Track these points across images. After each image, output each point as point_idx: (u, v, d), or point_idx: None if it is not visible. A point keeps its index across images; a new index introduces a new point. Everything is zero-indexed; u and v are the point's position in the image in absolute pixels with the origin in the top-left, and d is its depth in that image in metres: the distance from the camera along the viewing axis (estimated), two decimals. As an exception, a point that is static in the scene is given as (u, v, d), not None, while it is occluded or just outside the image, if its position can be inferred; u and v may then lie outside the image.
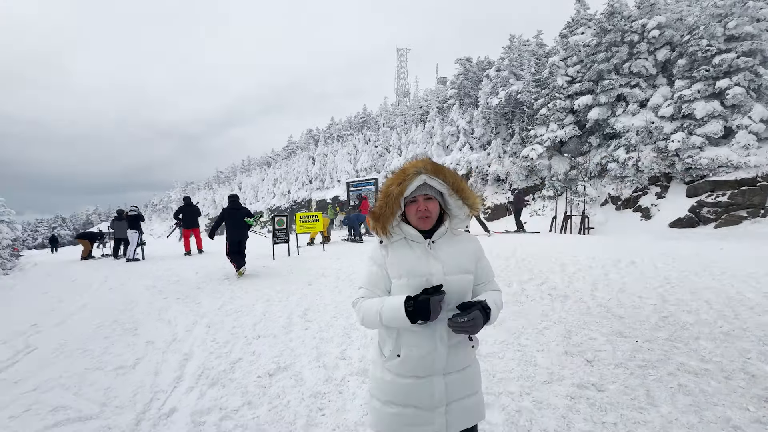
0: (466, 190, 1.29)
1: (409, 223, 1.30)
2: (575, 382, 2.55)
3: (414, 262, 1.25)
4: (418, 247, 1.28)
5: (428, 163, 1.27)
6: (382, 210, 1.27)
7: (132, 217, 10.15)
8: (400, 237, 1.31)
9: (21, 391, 2.69)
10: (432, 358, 1.22)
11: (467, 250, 1.32)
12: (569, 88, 17.36)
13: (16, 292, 6.38)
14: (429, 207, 1.26)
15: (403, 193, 1.24)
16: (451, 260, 1.26)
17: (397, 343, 1.27)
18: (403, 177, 1.24)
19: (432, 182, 1.26)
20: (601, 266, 5.60)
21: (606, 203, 15.11)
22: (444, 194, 1.29)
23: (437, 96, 32.65)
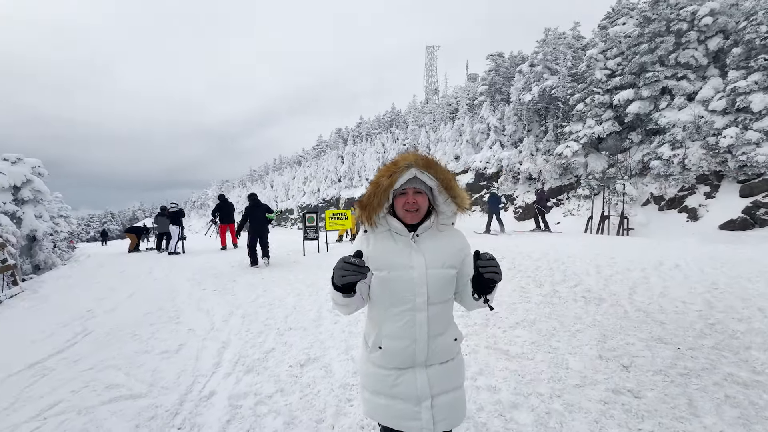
0: (455, 188, 1.28)
1: (395, 216, 1.29)
2: (610, 387, 2.46)
3: (396, 254, 1.24)
4: (402, 239, 1.27)
5: (420, 156, 1.26)
6: (370, 200, 1.26)
7: (173, 213, 10.79)
8: (385, 229, 1.29)
9: (80, 369, 2.96)
10: (413, 350, 1.23)
11: (452, 245, 1.30)
12: (608, 82, 16.50)
13: (74, 281, 6.98)
14: (418, 200, 1.24)
15: (392, 185, 1.23)
16: (434, 254, 1.25)
17: (379, 335, 1.27)
18: (394, 169, 1.23)
19: (422, 176, 1.24)
20: (641, 269, 5.32)
21: (648, 203, 14.25)
22: (433, 189, 1.28)
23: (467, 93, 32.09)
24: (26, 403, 2.46)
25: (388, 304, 1.24)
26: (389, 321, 1.25)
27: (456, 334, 1.32)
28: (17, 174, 9.41)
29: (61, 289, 6.30)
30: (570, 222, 15.35)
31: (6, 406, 2.43)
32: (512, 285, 4.95)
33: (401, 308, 1.23)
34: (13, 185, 9.23)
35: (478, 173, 22.18)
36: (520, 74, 21.73)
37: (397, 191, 1.25)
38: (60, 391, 2.59)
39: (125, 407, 2.38)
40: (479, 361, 2.89)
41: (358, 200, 1.31)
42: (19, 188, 9.36)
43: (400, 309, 1.23)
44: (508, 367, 2.78)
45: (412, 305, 1.22)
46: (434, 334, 1.25)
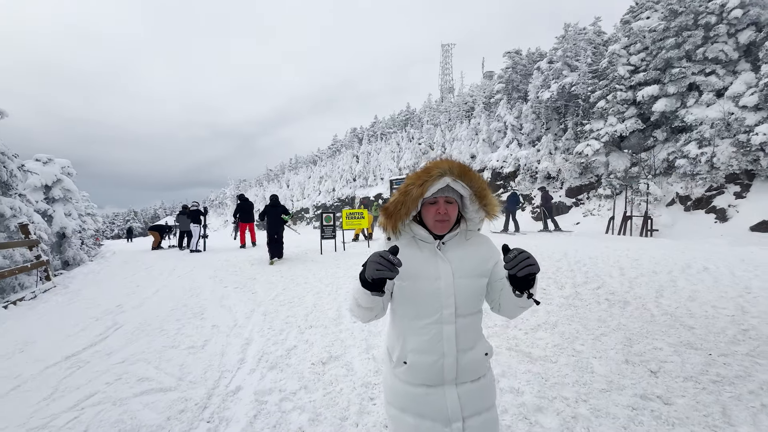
0: (488, 195, 1.22)
1: (420, 223, 1.23)
2: (638, 393, 2.40)
3: (421, 263, 1.17)
4: (427, 247, 1.20)
5: (455, 165, 1.18)
6: (397, 208, 1.19)
7: (194, 212, 11.07)
8: (409, 236, 1.23)
9: (113, 362, 3.09)
10: (441, 366, 1.15)
11: (480, 253, 1.23)
12: (632, 78, 16.03)
13: (102, 277, 7.25)
14: (449, 211, 1.18)
15: (423, 194, 1.16)
16: (461, 262, 1.18)
17: (404, 349, 1.20)
18: (426, 177, 1.16)
19: (455, 185, 1.18)
20: (668, 272, 5.16)
21: (673, 203, 13.78)
22: (464, 198, 1.22)
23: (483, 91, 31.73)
24: (64, 393, 2.58)
25: (412, 315, 1.17)
26: (414, 334, 1.18)
27: (486, 348, 1.25)
28: (48, 174, 9.84)
29: (90, 284, 6.56)
30: (590, 222, 15.00)
31: (46, 396, 2.56)
32: (532, 286, 4.88)
33: (427, 321, 1.16)
34: (45, 184, 9.66)
35: (494, 172, 21.91)
36: (539, 71, 21.36)
37: (426, 200, 1.19)
38: (95, 383, 2.71)
39: (156, 400, 2.47)
40: (501, 363, 2.87)
41: (383, 207, 1.24)
42: (50, 187, 9.78)
43: (425, 321, 1.16)
44: (530, 370, 2.75)
45: (438, 317, 1.15)
46: (463, 348, 1.17)
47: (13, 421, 2.26)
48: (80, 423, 2.22)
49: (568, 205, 17.25)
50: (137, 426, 2.18)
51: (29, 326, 4.16)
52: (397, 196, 1.20)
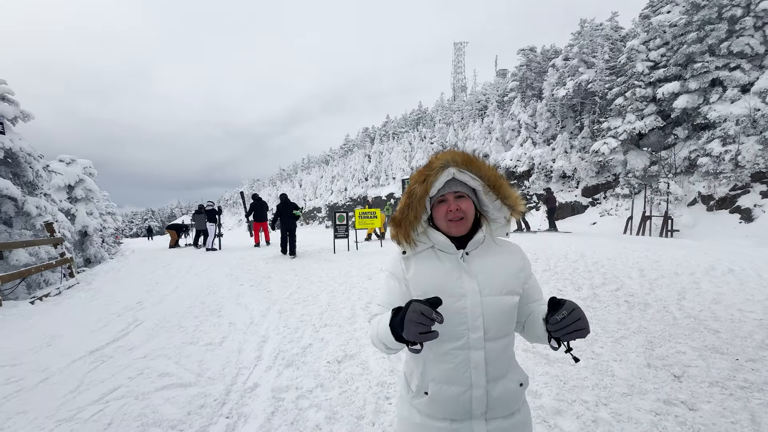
0: (504, 186, 1.06)
1: (438, 228, 1.07)
2: (660, 398, 2.34)
3: (443, 279, 1.01)
4: (449, 259, 1.04)
5: (457, 154, 1.04)
6: (405, 213, 1.04)
7: (210, 212, 11.28)
8: (427, 246, 1.08)
9: (134, 357, 3.17)
10: (468, 398, 1.00)
11: (511, 265, 1.07)
12: (651, 75, 15.61)
13: (122, 274, 7.46)
14: (462, 206, 1.03)
15: (428, 191, 1.03)
16: (490, 277, 1.02)
17: (424, 378, 1.04)
18: (428, 172, 1.03)
19: (462, 176, 1.04)
20: (690, 273, 5.01)
21: (695, 203, 13.37)
22: (478, 192, 1.07)
23: (497, 89, 31.38)
24: (89, 386, 2.67)
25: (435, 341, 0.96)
26: (437, 361, 1.02)
27: (521, 377, 1.08)
28: (71, 174, 10.16)
29: (111, 281, 6.75)
30: (607, 222, 14.68)
31: (72, 388, 2.64)
32: (549, 287, 4.81)
33: (452, 345, 1.00)
34: (68, 184, 9.98)
35: (508, 172, 21.65)
36: (554, 69, 21.00)
37: (434, 199, 1.06)
38: (118, 377, 2.79)
39: (177, 395, 2.53)
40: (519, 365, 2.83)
41: (391, 218, 1.10)
42: (72, 187, 10.11)
43: (450, 347, 1.00)
44: (548, 372, 2.71)
45: (465, 342, 0.99)
46: (494, 377, 1.01)
47: (43, 412, 2.34)
48: (105, 416, 2.29)
49: (584, 204, 16.92)
50: (159, 420, 2.24)
51: (55, 321, 4.31)
52: (403, 199, 1.07)
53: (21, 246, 5.58)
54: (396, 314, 0.87)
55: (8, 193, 6.45)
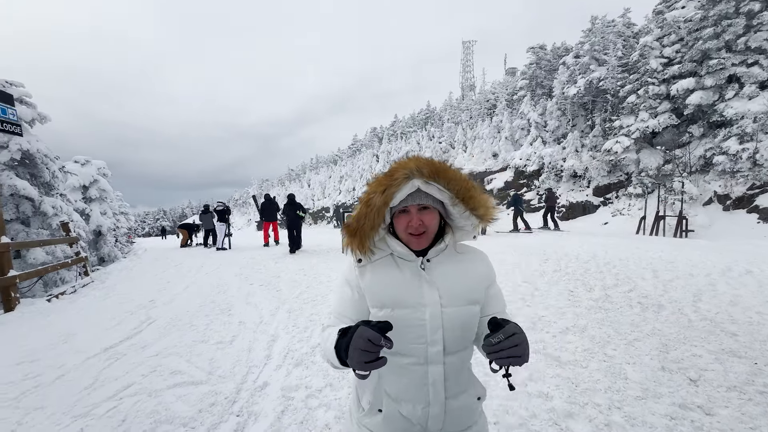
0: (476, 197, 0.97)
1: (396, 235, 1.00)
2: (676, 402, 2.29)
3: (402, 288, 0.94)
4: (408, 267, 0.98)
5: (424, 163, 0.93)
6: (361, 222, 0.95)
7: (220, 211, 11.41)
8: (385, 254, 1.00)
9: (147, 355, 3.22)
10: (424, 416, 0.94)
11: (474, 273, 1.01)
12: (665, 72, 15.29)
13: (135, 273, 7.59)
14: (424, 221, 0.95)
15: (388, 202, 0.93)
16: (451, 286, 0.96)
17: (378, 394, 0.98)
18: (389, 182, 0.92)
19: (428, 188, 0.94)
20: (705, 274, 4.89)
21: (710, 203, 13.05)
22: (445, 203, 0.98)
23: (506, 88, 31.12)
24: (104, 383, 2.72)
25: (391, 352, 0.91)
26: (392, 375, 0.95)
27: (479, 391, 1.03)
28: (86, 175, 10.37)
29: (124, 280, 6.88)
30: (619, 222, 14.44)
31: (87, 385, 2.70)
32: (559, 288, 4.75)
33: (408, 360, 0.93)
34: (83, 185, 10.20)
35: (517, 171, 21.45)
36: (564, 66, 20.73)
37: (396, 209, 0.97)
38: (132, 375, 2.84)
39: (188, 392, 2.56)
40: (528, 366, 2.80)
41: (345, 225, 1.01)
42: (87, 187, 10.32)
43: (407, 361, 0.93)
44: (560, 374, 2.67)
45: (423, 357, 0.93)
46: (453, 394, 0.96)
47: (60, 408, 2.39)
48: (119, 412, 2.33)
49: (595, 204, 16.67)
50: (171, 417, 2.27)
51: (71, 319, 4.40)
52: (360, 207, 0.97)
53: (38, 245, 5.72)
54: (343, 335, 0.79)
55: (26, 193, 6.61)
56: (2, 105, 4.92)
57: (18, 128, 5.22)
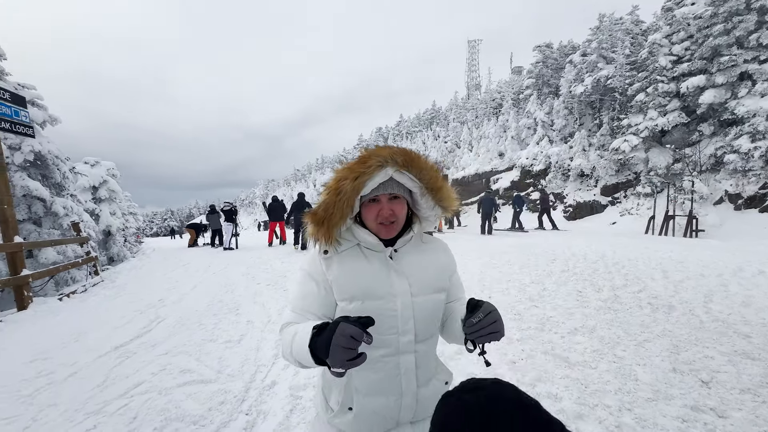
0: (444, 188, 0.99)
1: (363, 225, 0.99)
2: (688, 404, 2.26)
3: (371, 279, 0.93)
4: (377, 258, 0.97)
5: (398, 152, 0.93)
6: (329, 212, 0.93)
7: (227, 211, 11.50)
8: (352, 244, 0.99)
9: (157, 353, 3.26)
10: (397, 407, 0.93)
11: (439, 263, 1.03)
12: (674, 69, 15.09)
13: (144, 272, 7.68)
14: (395, 210, 0.95)
15: (359, 190, 0.92)
16: (419, 275, 0.97)
17: (347, 392, 0.95)
18: (363, 169, 0.91)
19: (400, 177, 0.94)
20: (717, 275, 4.82)
21: (721, 202, 12.85)
22: (414, 193, 0.99)
23: (512, 87, 30.93)
24: (115, 381, 2.75)
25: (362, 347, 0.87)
26: (363, 371, 0.92)
27: (447, 375, 1.04)
28: (96, 175, 10.51)
29: (133, 279, 6.96)
30: (627, 222, 14.28)
31: (99, 383, 2.73)
32: (567, 288, 4.71)
33: (380, 353, 0.92)
34: (92, 185, 10.33)
35: (524, 170, 21.31)
36: (571, 65, 20.56)
37: (366, 197, 0.96)
38: (142, 373, 2.87)
39: (198, 391, 2.59)
40: (537, 367, 2.78)
41: (310, 213, 0.97)
42: (97, 188, 10.46)
43: (378, 354, 0.92)
44: (568, 375, 2.65)
45: (395, 347, 0.92)
46: (424, 381, 0.97)
47: (72, 405, 2.43)
48: (130, 410, 2.36)
49: (603, 203, 16.50)
50: (181, 415, 2.29)
51: (82, 317, 4.47)
52: (326, 196, 0.94)
53: (50, 245, 5.81)
54: (318, 333, 0.75)
55: (38, 194, 6.72)
56: (15, 107, 5.01)
57: (30, 130, 5.31)
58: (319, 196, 0.99)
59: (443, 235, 11.77)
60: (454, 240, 9.82)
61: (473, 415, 0.47)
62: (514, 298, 4.48)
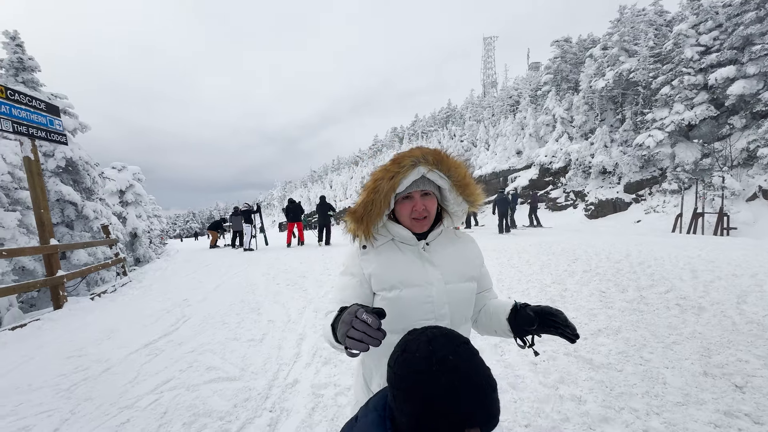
0: (471, 185, 1.07)
1: (396, 221, 1.08)
2: (720, 409, 2.18)
3: (407, 270, 1.02)
4: (411, 250, 1.06)
5: (429, 152, 1.02)
6: (368, 209, 1.02)
7: (246, 212, 11.76)
8: (387, 239, 1.08)
9: (184, 351, 3.37)
10: None
11: (469, 254, 1.12)
12: (702, 60, 14.48)
13: (168, 273, 7.94)
14: (427, 206, 1.03)
15: (395, 188, 1.01)
16: (450, 266, 1.05)
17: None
18: (397, 169, 1.00)
19: (431, 175, 1.03)
20: (751, 275, 4.60)
21: (755, 198, 12.24)
22: (443, 189, 1.07)
23: (529, 84, 30.34)
24: (146, 377, 2.87)
25: (401, 331, 0.89)
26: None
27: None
28: (122, 180, 10.93)
29: (159, 279, 7.21)
30: (653, 220, 13.79)
31: (131, 379, 2.86)
32: (590, 288, 4.60)
33: None
34: (120, 189, 10.75)
35: (542, 168, 20.88)
36: (591, 59, 20.02)
37: (400, 195, 1.05)
38: (170, 370, 2.98)
39: (223, 388, 2.67)
40: (559, 369, 2.73)
41: (350, 211, 1.08)
42: (123, 192, 10.88)
43: None
44: (593, 377, 2.59)
45: None
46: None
47: (107, 399, 2.55)
48: (160, 405, 2.45)
49: (626, 201, 15.99)
50: (209, 411, 2.37)
51: (113, 316, 4.67)
52: (365, 195, 1.04)
53: (83, 247, 6.09)
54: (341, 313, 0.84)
55: (70, 198, 7.05)
56: (50, 116, 5.28)
57: (63, 138, 5.58)
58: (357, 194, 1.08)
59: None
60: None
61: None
62: (534, 298, 4.40)
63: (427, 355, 0.67)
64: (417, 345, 0.70)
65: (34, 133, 4.95)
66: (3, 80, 7.11)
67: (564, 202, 18.76)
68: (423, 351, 0.68)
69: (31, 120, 4.92)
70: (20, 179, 6.16)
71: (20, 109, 4.77)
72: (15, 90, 4.77)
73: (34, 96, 5.10)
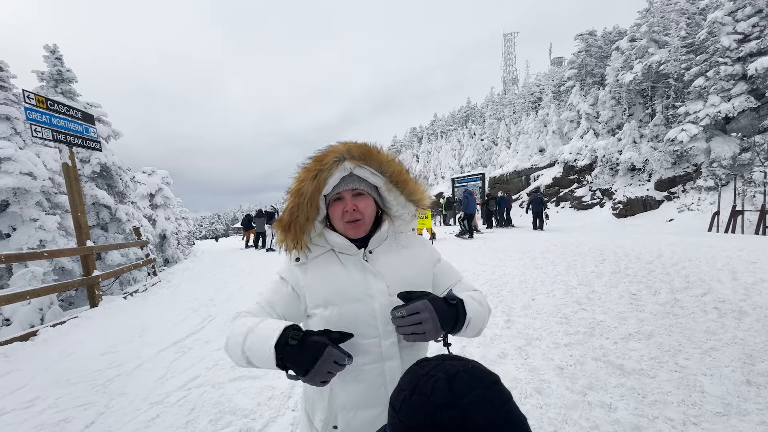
0: (409, 181, 0.96)
1: (334, 229, 0.95)
2: (766, 420, 2.03)
3: (346, 283, 0.88)
4: (350, 261, 0.92)
5: (354, 146, 0.90)
6: (294, 215, 0.90)
7: (269, 213, 12.02)
8: (325, 250, 0.94)
9: (210, 349, 3.47)
10: (383, 420, 0.86)
11: (417, 258, 0.98)
12: (740, 49, 13.66)
13: (195, 273, 8.22)
14: (359, 206, 0.91)
15: (320, 189, 0.89)
16: (397, 274, 0.92)
17: (331, 408, 0.88)
18: (320, 167, 0.88)
19: (361, 172, 0.91)
20: (798, 277, 4.30)
21: (800, 194, 11.43)
22: (380, 188, 0.95)
23: (552, 79, 29.56)
24: (174, 374, 2.98)
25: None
26: (345, 382, 0.87)
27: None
28: (152, 183, 11.39)
29: (187, 279, 7.47)
30: (687, 218, 13.12)
31: (161, 375, 2.97)
32: (619, 290, 4.41)
33: (363, 360, 0.86)
34: (150, 193, 11.21)
35: (567, 166, 20.27)
36: (618, 52, 19.28)
37: (329, 197, 0.93)
38: (197, 367, 3.08)
39: (248, 386, 2.73)
40: (588, 374, 2.63)
41: (277, 220, 0.95)
42: (153, 195, 11.34)
43: (361, 362, 0.86)
44: (623, 384, 2.48)
45: (378, 353, 0.86)
46: None
47: (139, 395, 2.66)
48: (188, 402, 2.53)
49: (658, 199, 15.28)
50: (234, 408, 2.42)
51: (144, 315, 4.87)
52: (290, 200, 0.91)
53: (116, 248, 6.39)
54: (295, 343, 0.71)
55: (104, 202, 7.40)
56: (86, 125, 5.57)
57: (98, 144, 5.87)
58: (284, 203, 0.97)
59: (484, 234, 11.51)
60: (495, 240, 9.53)
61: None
62: (559, 300, 4.27)
63: (447, 402, 0.51)
64: (433, 385, 0.54)
65: (71, 140, 5.23)
66: (44, 91, 7.57)
67: (590, 201, 18.13)
68: (441, 395, 0.52)
69: (68, 128, 5.20)
70: (59, 184, 6.53)
71: (59, 118, 5.06)
72: (54, 101, 5.06)
73: (71, 105, 5.39)
